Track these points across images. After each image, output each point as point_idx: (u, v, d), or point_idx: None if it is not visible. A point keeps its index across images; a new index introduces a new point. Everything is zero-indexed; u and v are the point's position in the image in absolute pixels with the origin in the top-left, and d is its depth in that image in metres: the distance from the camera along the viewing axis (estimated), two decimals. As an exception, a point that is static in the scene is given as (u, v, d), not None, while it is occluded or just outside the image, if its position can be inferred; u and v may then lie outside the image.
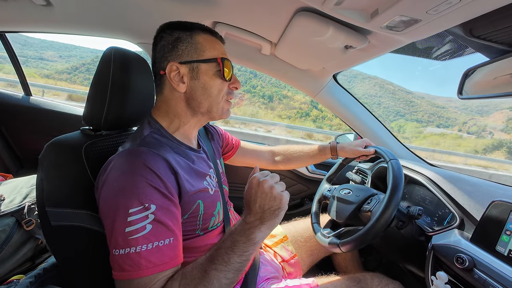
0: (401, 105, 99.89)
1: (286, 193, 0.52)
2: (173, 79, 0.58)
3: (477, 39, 0.51)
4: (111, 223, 0.47)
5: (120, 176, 0.49)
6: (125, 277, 0.45)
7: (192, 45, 0.59)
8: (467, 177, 0.89)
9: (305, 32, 0.73)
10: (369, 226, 0.67)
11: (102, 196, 0.50)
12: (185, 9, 0.90)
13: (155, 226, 0.47)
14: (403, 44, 0.65)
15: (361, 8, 0.51)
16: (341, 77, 1.22)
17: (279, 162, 1.05)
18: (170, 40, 0.59)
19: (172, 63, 0.58)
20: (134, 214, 0.46)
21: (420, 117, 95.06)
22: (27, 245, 0.85)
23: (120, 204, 0.46)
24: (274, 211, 0.50)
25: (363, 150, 0.91)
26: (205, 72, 0.59)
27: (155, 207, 0.48)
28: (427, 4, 0.42)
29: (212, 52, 0.60)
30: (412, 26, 0.50)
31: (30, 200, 0.91)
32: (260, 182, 0.52)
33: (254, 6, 0.75)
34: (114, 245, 0.46)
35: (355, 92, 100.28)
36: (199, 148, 0.72)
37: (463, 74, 0.64)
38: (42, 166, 0.56)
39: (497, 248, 0.58)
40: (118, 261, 0.46)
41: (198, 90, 0.60)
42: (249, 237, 0.48)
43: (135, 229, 0.45)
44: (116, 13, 1.01)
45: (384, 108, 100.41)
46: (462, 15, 0.44)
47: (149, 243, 0.46)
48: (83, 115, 0.64)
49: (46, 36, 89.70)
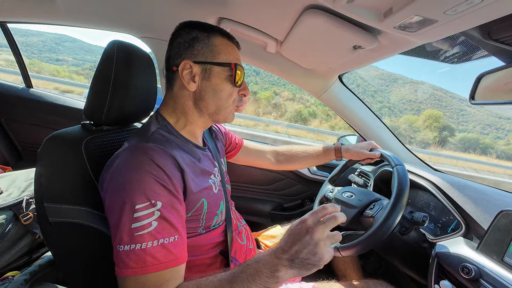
0: (447, 113, 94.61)
1: (329, 253, 0.47)
2: (184, 77, 0.58)
3: (494, 42, 0.49)
4: (117, 218, 0.46)
5: (127, 172, 0.48)
6: (130, 274, 0.44)
7: (209, 46, 0.59)
8: (474, 184, 0.87)
9: (313, 30, 0.71)
10: (371, 233, 0.66)
11: (107, 191, 0.49)
12: (190, 4, 0.88)
13: (160, 223, 0.47)
14: (414, 46, 0.63)
15: (375, 6, 0.49)
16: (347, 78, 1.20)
17: (282, 162, 1.04)
18: (187, 39, 0.59)
19: (186, 61, 0.58)
20: (141, 210, 0.45)
21: (470, 127, 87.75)
22: (24, 239, 0.84)
23: (126, 200, 0.46)
24: (308, 264, 0.45)
25: (368, 153, 0.89)
26: (217, 75, 0.60)
27: (162, 204, 0.47)
28: (446, 3, 0.40)
29: (227, 56, 0.60)
30: (427, 27, 0.48)
31: (29, 194, 0.90)
32: (310, 228, 0.46)
33: (261, 2, 0.74)
34: (118, 241, 0.45)
35: (390, 97, 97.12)
36: (205, 146, 0.72)
37: (476, 79, 0.62)
38: (41, 161, 0.55)
39: (504, 259, 0.56)
40: (123, 257, 0.45)
41: (208, 92, 0.60)
42: (273, 272, 0.45)
43: (141, 225, 0.45)
44: (120, 7, 0.99)
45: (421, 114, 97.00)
46: (482, 16, 0.42)
47: (154, 240, 0.45)
48: (84, 109, 0.62)
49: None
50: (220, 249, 0.67)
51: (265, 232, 1.03)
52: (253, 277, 0.45)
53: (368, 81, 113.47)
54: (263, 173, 1.42)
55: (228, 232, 0.68)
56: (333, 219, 0.47)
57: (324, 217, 0.48)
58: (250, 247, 0.80)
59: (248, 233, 0.84)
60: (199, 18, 0.89)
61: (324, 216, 0.48)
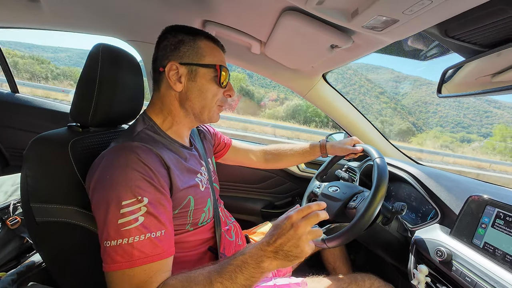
0: (469, 115, 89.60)
1: (310, 246, 0.50)
2: (171, 78, 0.60)
3: (452, 40, 0.53)
4: (103, 215, 0.47)
5: (114, 169, 0.49)
6: (117, 268, 0.46)
7: (194, 48, 0.62)
8: (448, 174, 0.92)
9: (292, 31, 0.74)
10: (353, 223, 0.69)
11: (94, 189, 0.50)
12: (175, 7, 0.90)
13: (147, 218, 0.48)
14: (386, 44, 0.67)
15: (342, 7, 0.53)
16: (330, 76, 1.24)
17: (270, 161, 1.06)
18: (173, 41, 0.61)
19: (173, 63, 0.60)
20: (127, 206, 0.47)
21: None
22: (12, 243, 0.84)
23: (113, 196, 0.47)
24: (291, 256, 0.48)
25: (351, 148, 0.92)
26: (202, 76, 0.62)
27: (148, 200, 0.49)
28: (403, 4, 0.44)
29: (212, 58, 0.63)
30: (391, 26, 0.52)
31: (16, 198, 0.90)
32: (294, 224, 0.49)
33: (242, 5, 0.76)
34: (106, 237, 0.47)
35: (405, 99, 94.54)
36: (191, 146, 0.73)
37: (442, 74, 0.66)
38: (27, 162, 0.56)
39: (473, 241, 0.60)
40: (110, 253, 0.46)
41: (194, 92, 0.62)
42: (259, 263, 0.48)
43: (127, 221, 0.46)
44: (105, 11, 1.00)
45: (440, 118, 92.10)
46: (436, 16, 0.46)
47: (141, 235, 0.47)
48: (70, 111, 0.63)
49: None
50: (209, 245, 0.68)
51: (256, 229, 1.05)
52: (240, 268, 0.47)
53: (376, 83, 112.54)
54: (253, 172, 1.44)
55: (217, 229, 0.70)
56: (315, 216, 0.50)
57: (308, 214, 0.51)
58: (239, 243, 0.81)
59: (237, 230, 0.86)
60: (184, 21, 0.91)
61: (308, 213, 0.51)
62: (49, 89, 11.32)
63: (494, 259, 0.55)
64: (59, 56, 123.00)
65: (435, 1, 0.40)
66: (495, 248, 0.56)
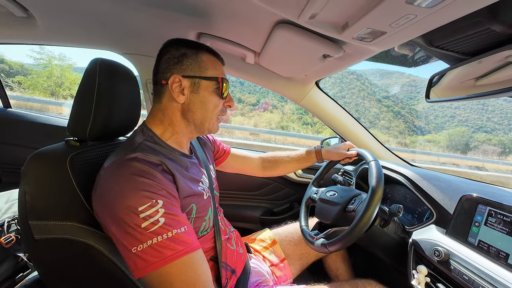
0: (494, 119, 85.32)
1: None
2: (174, 90, 0.62)
3: (436, 49, 0.57)
4: (124, 225, 0.47)
5: (122, 180, 0.50)
6: (152, 269, 0.46)
7: (197, 62, 0.63)
8: (441, 174, 0.95)
9: (285, 43, 0.77)
10: (353, 226, 0.70)
11: (105, 204, 0.50)
12: (170, 21, 0.92)
13: (167, 218, 0.49)
14: (375, 53, 0.71)
15: (333, 21, 0.56)
16: (323, 83, 1.27)
17: (268, 168, 1.07)
18: (176, 55, 0.63)
19: (176, 75, 0.61)
20: (145, 210, 0.47)
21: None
22: (6, 263, 0.81)
23: (129, 205, 0.48)
24: None
25: (346, 152, 0.95)
26: (205, 88, 0.64)
27: (162, 202, 0.50)
28: (389, 18, 0.47)
29: (213, 71, 0.65)
30: (379, 38, 0.55)
31: (10, 216, 0.88)
32: None
33: (236, 19, 0.79)
34: (132, 244, 0.47)
35: (422, 103, 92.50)
36: (191, 154, 0.74)
37: (429, 80, 0.70)
38: (25, 178, 0.55)
39: (468, 239, 0.62)
40: (141, 256, 0.46)
41: (196, 103, 0.64)
42: None
43: (150, 223, 0.47)
44: (101, 25, 1.01)
45: (458, 122, 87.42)
46: (420, 28, 0.49)
47: (168, 232, 0.48)
48: (68, 125, 0.63)
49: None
50: (210, 255, 0.68)
51: (254, 236, 1.05)
52: None
53: (383, 87, 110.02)
54: (250, 179, 1.45)
55: (217, 239, 0.70)
56: None
57: None
58: (240, 251, 0.81)
59: (237, 238, 0.86)
60: (179, 34, 0.93)
61: None
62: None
63: (489, 256, 0.57)
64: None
65: (419, 15, 0.44)
66: (489, 245, 0.58)
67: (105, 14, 0.92)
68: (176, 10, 0.83)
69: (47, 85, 19.25)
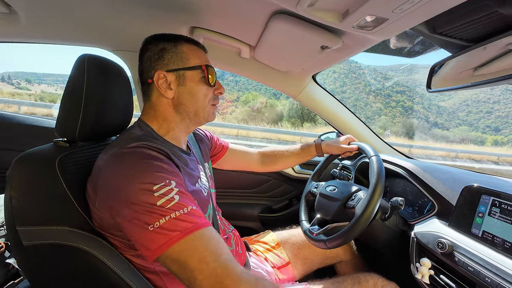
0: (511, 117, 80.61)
1: None
2: (160, 86, 0.61)
3: (440, 36, 0.55)
4: (137, 207, 0.45)
5: (131, 165, 0.49)
6: (175, 241, 0.44)
7: (177, 54, 0.62)
8: (441, 166, 0.94)
9: (282, 34, 0.74)
10: (353, 222, 0.69)
11: (112, 192, 0.48)
12: (161, 15, 0.89)
13: (181, 196, 0.48)
14: (375, 43, 0.69)
15: (333, 9, 0.54)
16: (320, 78, 1.26)
17: (267, 163, 1.06)
18: (156, 51, 0.62)
19: (160, 72, 0.60)
20: (160, 189, 0.47)
21: None
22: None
23: (143, 186, 0.46)
24: None
25: (347, 146, 0.93)
26: (191, 79, 0.63)
27: (175, 182, 0.49)
28: (393, 3, 0.45)
29: (196, 60, 0.64)
30: (381, 25, 0.53)
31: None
32: None
33: (230, 10, 0.76)
34: (148, 222, 0.45)
35: (452, 99, 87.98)
36: (189, 151, 0.72)
37: (430, 69, 0.68)
38: (11, 183, 0.52)
39: (472, 230, 0.62)
40: (160, 232, 0.44)
41: (186, 95, 0.63)
42: None
43: (166, 200, 0.46)
44: (90, 21, 0.97)
45: (495, 118, 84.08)
46: (424, 13, 0.47)
47: (184, 208, 0.47)
48: (56, 126, 0.60)
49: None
50: None
51: (257, 238, 1.03)
52: None
53: (400, 83, 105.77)
54: (248, 176, 1.43)
55: None
56: None
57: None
58: (239, 251, 0.80)
59: (236, 238, 0.84)
60: (171, 29, 0.90)
61: None
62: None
63: (494, 247, 0.56)
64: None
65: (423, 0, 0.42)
66: (494, 236, 0.57)
67: (93, 9, 0.87)
68: (167, 3, 0.79)
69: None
